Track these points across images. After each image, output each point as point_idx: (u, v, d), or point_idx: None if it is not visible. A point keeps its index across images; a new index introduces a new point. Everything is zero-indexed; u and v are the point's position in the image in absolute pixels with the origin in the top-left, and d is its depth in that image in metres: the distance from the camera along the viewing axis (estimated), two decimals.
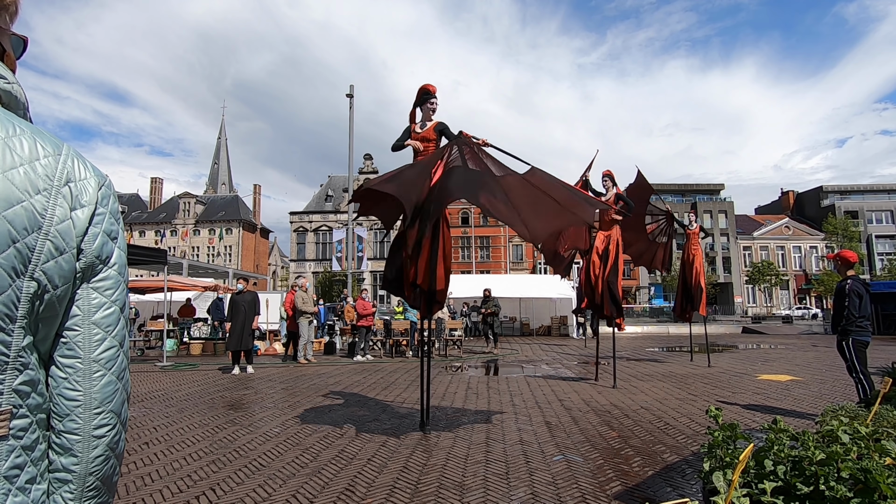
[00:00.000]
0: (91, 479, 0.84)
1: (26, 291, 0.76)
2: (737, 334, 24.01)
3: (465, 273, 40.43)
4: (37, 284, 0.77)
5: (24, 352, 0.76)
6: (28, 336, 0.77)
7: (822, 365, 10.47)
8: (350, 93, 17.94)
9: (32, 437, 0.78)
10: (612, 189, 8.27)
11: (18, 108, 0.86)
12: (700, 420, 5.42)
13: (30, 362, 0.78)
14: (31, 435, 0.78)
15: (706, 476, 2.00)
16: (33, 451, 0.78)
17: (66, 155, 0.84)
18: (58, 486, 0.82)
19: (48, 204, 0.79)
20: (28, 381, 0.77)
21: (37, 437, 0.79)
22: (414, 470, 3.92)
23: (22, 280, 0.75)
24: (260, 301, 10.40)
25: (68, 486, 0.82)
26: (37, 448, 0.79)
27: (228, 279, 22.78)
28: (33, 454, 0.78)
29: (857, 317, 5.35)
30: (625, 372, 9.60)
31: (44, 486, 0.80)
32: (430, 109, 5.43)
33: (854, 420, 2.42)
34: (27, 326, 0.77)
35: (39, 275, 0.77)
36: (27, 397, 0.77)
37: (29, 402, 0.77)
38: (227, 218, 57.62)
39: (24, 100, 0.87)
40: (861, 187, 52.90)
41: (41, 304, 0.78)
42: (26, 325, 0.77)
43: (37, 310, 0.78)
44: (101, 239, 0.85)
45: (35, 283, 0.76)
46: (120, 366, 0.88)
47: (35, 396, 0.78)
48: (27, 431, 0.77)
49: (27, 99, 0.89)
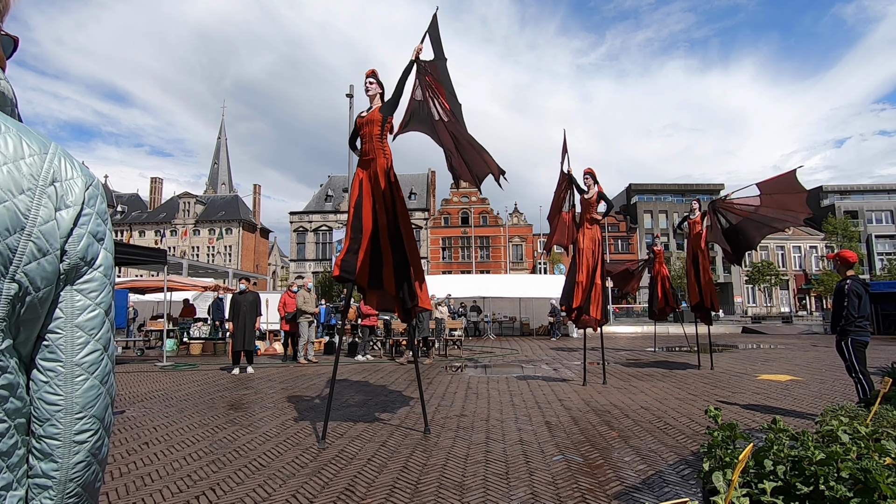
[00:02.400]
0: (72, 486, 0.82)
1: (7, 293, 0.74)
2: (737, 334, 24.03)
3: (465, 273, 40.45)
4: (18, 286, 0.75)
5: (2, 354, 0.74)
6: (7, 339, 0.75)
7: (822, 365, 10.47)
8: (350, 93, 17.92)
9: (9, 443, 0.75)
10: (594, 187, 8.14)
11: (6, 105, 0.85)
12: (700, 420, 5.42)
13: (8, 365, 0.75)
14: (8, 440, 0.75)
15: (706, 476, 2.00)
16: (10, 456, 0.76)
17: (53, 154, 0.82)
18: (37, 492, 0.80)
19: (32, 204, 0.77)
20: (6, 384, 0.75)
21: (14, 442, 0.76)
22: (414, 470, 3.92)
23: (2, 282, 0.73)
24: (261, 301, 10.41)
25: (48, 492, 0.80)
26: (14, 454, 0.76)
27: (228, 279, 22.76)
28: (10, 460, 0.76)
29: (857, 317, 5.36)
30: (625, 372, 9.60)
31: (21, 493, 0.77)
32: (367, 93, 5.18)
33: (854, 420, 2.42)
34: (7, 329, 0.75)
35: (21, 276, 0.75)
36: (5, 402, 0.75)
37: (6, 407, 0.75)
38: (227, 218, 57.57)
39: (12, 97, 0.86)
40: (861, 187, 52.89)
41: (22, 306, 0.76)
42: (6, 328, 0.75)
43: (18, 312, 0.76)
44: (86, 240, 0.84)
45: (16, 284, 0.75)
46: (104, 370, 0.86)
47: (13, 401, 0.76)
48: (4, 437, 0.74)
49: (16, 96, 0.87)
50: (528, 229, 48.50)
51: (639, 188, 53.01)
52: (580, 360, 11.88)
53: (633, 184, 53.34)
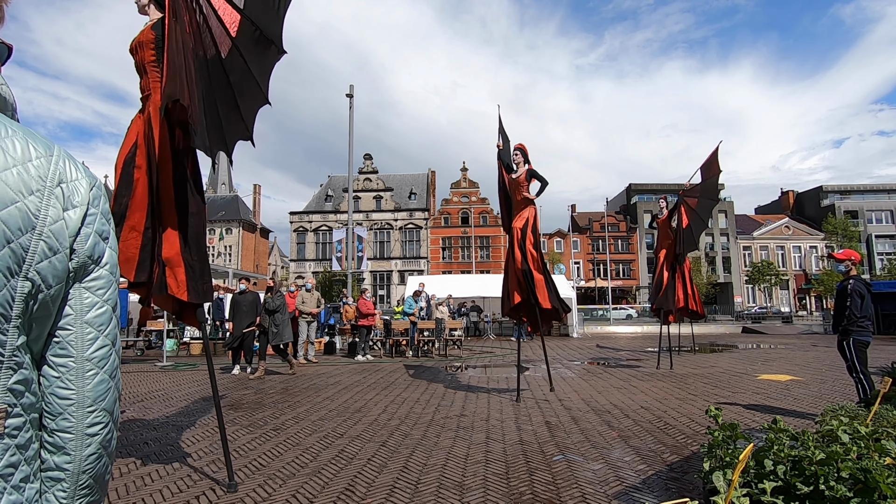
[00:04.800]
0: (84, 478, 0.84)
1: (21, 291, 0.76)
2: (737, 334, 24.02)
3: (464, 273, 40.46)
4: (31, 284, 0.77)
5: (18, 351, 0.77)
6: (22, 336, 0.78)
7: (822, 365, 10.46)
8: (350, 93, 17.92)
9: (26, 436, 0.78)
10: (524, 165, 7.23)
11: (7, 108, 0.86)
12: (700, 420, 5.42)
13: (24, 361, 0.78)
14: (25, 434, 0.78)
15: (706, 476, 2.00)
16: (27, 449, 0.79)
17: (58, 156, 0.84)
18: (50, 484, 0.83)
19: (41, 204, 0.79)
20: (22, 380, 0.78)
21: (30, 435, 0.79)
22: (414, 470, 3.91)
23: (16, 280, 0.76)
24: (261, 301, 10.40)
25: (61, 484, 0.83)
26: (30, 447, 0.79)
27: (228, 279, 22.74)
28: (27, 453, 0.78)
29: (859, 317, 5.35)
30: (624, 372, 9.60)
31: (37, 485, 0.80)
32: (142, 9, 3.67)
33: (854, 420, 2.42)
34: (21, 326, 0.77)
35: (33, 275, 0.78)
36: (21, 396, 0.78)
37: (23, 402, 0.78)
38: (227, 218, 57.57)
39: (12, 101, 0.88)
40: (861, 187, 52.89)
41: (35, 303, 0.79)
42: (20, 325, 0.77)
43: (31, 309, 0.78)
44: (92, 239, 0.86)
45: (29, 282, 0.77)
46: (112, 364, 0.89)
47: (29, 395, 0.79)
48: (21, 430, 0.77)
49: (15, 100, 0.89)
50: None
51: (639, 188, 53.03)
52: (580, 360, 11.88)
53: (633, 184, 53.37)
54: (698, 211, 10.36)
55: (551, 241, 49.83)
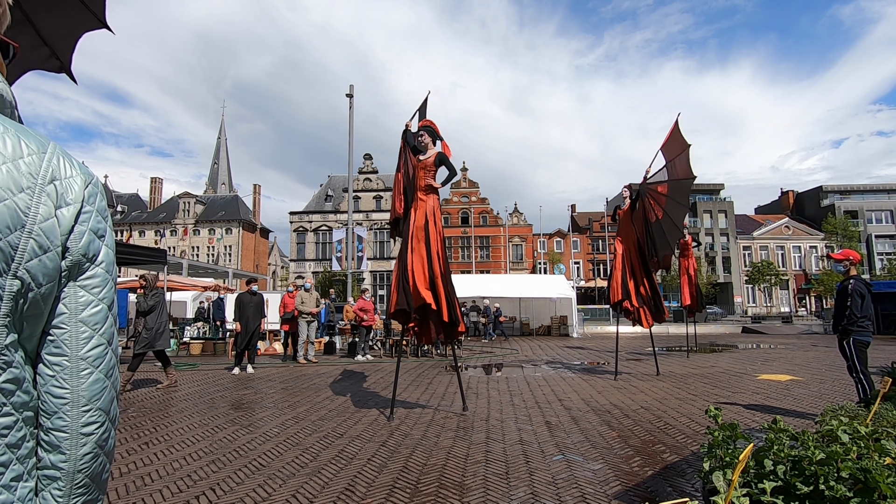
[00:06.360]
0: (80, 477, 0.84)
1: (9, 289, 0.75)
2: (737, 334, 24.02)
3: (464, 273, 40.45)
4: (20, 283, 0.76)
5: (7, 350, 0.76)
6: (12, 334, 0.77)
7: (822, 365, 10.46)
8: (350, 92, 17.92)
9: (18, 436, 0.78)
10: (433, 147, 6.28)
11: (6, 107, 0.86)
12: (700, 420, 5.42)
13: (13, 360, 0.77)
14: (17, 433, 0.77)
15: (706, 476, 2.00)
16: (19, 448, 0.78)
17: (52, 153, 0.83)
18: (47, 483, 0.82)
19: (31, 202, 0.78)
20: (12, 378, 0.77)
21: (23, 434, 0.79)
22: (414, 470, 3.92)
23: (5, 278, 0.75)
24: (264, 302, 10.43)
25: (57, 483, 0.82)
26: (23, 446, 0.79)
27: (228, 279, 22.75)
28: (19, 452, 0.78)
29: (859, 317, 5.35)
30: (624, 372, 9.60)
31: (31, 484, 0.80)
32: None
33: (854, 420, 2.42)
34: (11, 324, 0.77)
35: (23, 273, 0.77)
36: (11, 395, 0.77)
37: (14, 400, 0.77)
38: (226, 218, 57.55)
39: (11, 99, 0.87)
40: (861, 187, 52.86)
41: (25, 302, 0.78)
42: (10, 324, 0.76)
43: (21, 308, 0.78)
44: (87, 237, 0.85)
45: (18, 281, 0.76)
46: (108, 363, 0.88)
47: (20, 394, 0.78)
48: (12, 429, 0.77)
49: (15, 99, 0.89)
50: (528, 229, 48.52)
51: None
52: (580, 360, 11.88)
53: (632, 184, 53.30)
54: (668, 210, 9.28)
55: (551, 241, 49.84)
